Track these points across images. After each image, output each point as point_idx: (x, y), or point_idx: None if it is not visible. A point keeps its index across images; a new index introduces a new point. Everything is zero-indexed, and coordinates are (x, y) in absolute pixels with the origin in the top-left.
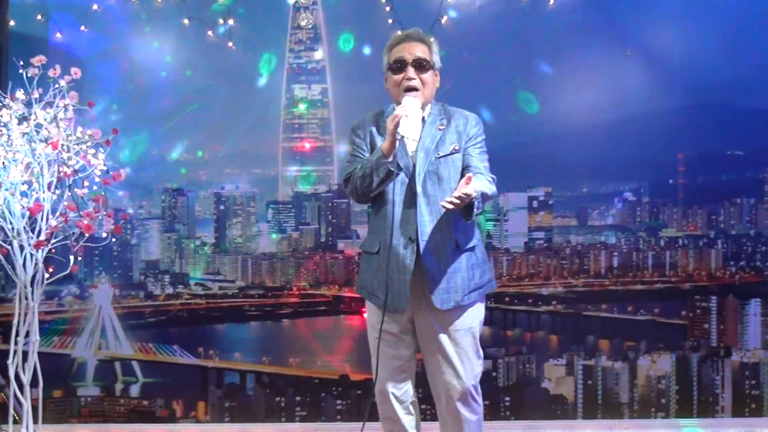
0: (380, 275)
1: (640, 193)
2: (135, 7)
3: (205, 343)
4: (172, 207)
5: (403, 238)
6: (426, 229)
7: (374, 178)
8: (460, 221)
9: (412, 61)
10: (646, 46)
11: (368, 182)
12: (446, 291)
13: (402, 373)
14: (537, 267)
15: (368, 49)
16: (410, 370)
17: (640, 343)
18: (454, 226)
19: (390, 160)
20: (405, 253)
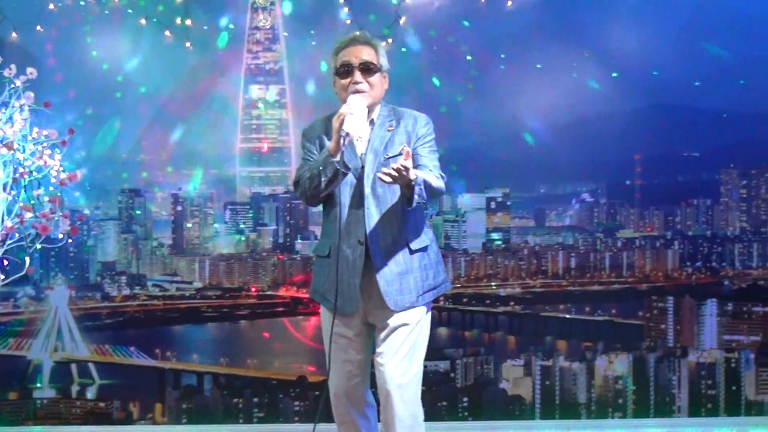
0: (331, 278)
1: (597, 194)
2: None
3: (163, 344)
4: (128, 208)
5: (353, 240)
6: (376, 231)
7: (322, 179)
8: (411, 221)
9: (358, 64)
10: (604, 48)
11: (316, 183)
12: (399, 292)
13: (356, 377)
14: (495, 268)
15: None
16: (364, 374)
17: (598, 343)
18: (404, 227)
19: (336, 159)
20: (354, 256)
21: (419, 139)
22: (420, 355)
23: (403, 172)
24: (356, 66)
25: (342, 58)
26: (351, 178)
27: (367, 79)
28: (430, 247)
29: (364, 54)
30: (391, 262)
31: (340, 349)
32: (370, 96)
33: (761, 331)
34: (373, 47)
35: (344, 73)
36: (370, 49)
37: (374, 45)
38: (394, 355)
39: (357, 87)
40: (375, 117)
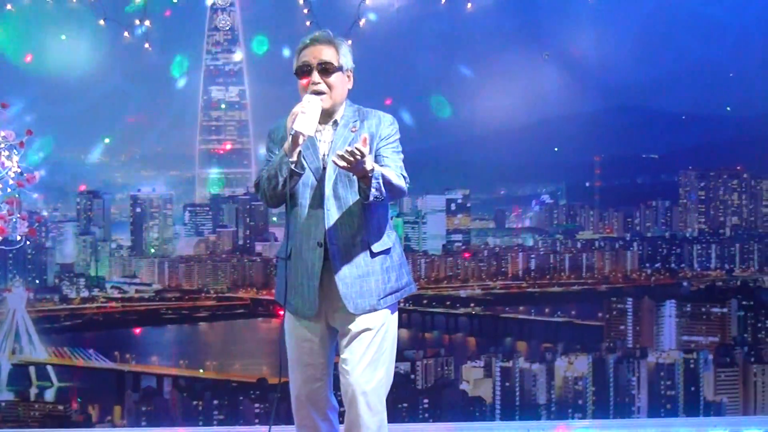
0: (291, 280)
1: (557, 195)
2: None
3: (122, 347)
4: (87, 209)
5: (312, 242)
6: (336, 233)
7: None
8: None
9: (317, 64)
10: (562, 50)
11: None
12: (360, 295)
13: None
14: (455, 269)
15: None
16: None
17: (558, 344)
18: (366, 229)
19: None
20: (313, 258)
21: (383, 139)
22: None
23: (358, 156)
24: (314, 66)
25: (302, 58)
26: (312, 179)
27: (325, 80)
28: (393, 249)
29: (324, 54)
30: (351, 265)
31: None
32: (330, 97)
33: (719, 332)
34: (334, 47)
35: (303, 73)
36: (331, 48)
37: (336, 44)
38: (359, 361)
39: (315, 88)
40: (339, 117)
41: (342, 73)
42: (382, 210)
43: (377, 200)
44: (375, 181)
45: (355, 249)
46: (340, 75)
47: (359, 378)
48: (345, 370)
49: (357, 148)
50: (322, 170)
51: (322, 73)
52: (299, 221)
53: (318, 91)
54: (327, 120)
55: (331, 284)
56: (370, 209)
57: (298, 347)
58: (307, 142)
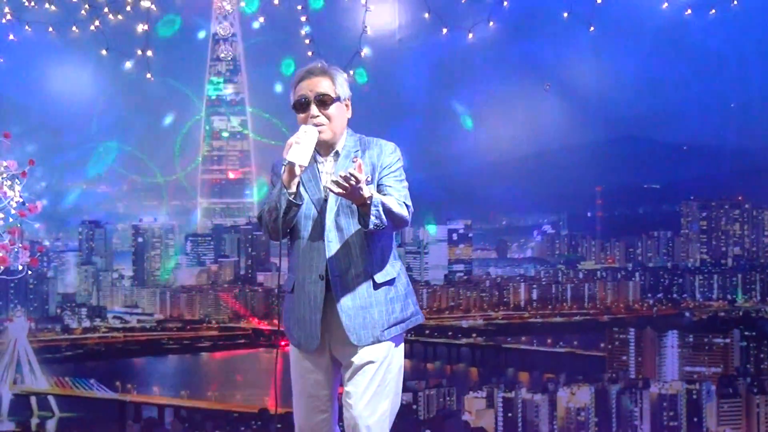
0: (294, 313)
1: (558, 225)
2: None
3: (123, 377)
4: (89, 239)
5: (314, 274)
6: (337, 264)
7: (279, 211)
8: (376, 253)
9: (314, 97)
10: (564, 81)
11: (274, 216)
12: (363, 327)
13: (322, 413)
14: (457, 299)
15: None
16: (330, 409)
17: (560, 375)
18: (368, 259)
19: (290, 191)
20: (315, 291)
21: (385, 168)
22: (390, 392)
23: (352, 182)
24: (312, 99)
25: (299, 91)
26: (313, 210)
27: (323, 112)
28: (397, 279)
29: (320, 86)
30: (353, 296)
31: (307, 385)
32: (330, 129)
33: (722, 363)
34: (329, 77)
35: (301, 106)
36: (327, 79)
37: (331, 75)
38: (362, 395)
39: (314, 121)
40: (340, 148)
41: (340, 103)
42: (386, 240)
43: (378, 228)
44: (374, 208)
45: (357, 280)
46: (338, 105)
47: (362, 411)
48: (348, 404)
49: (351, 173)
50: (324, 201)
51: (320, 105)
52: (301, 253)
53: (317, 124)
54: (328, 151)
55: (334, 316)
56: (373, 239)
57: (303, 379)
58: (308, 174)
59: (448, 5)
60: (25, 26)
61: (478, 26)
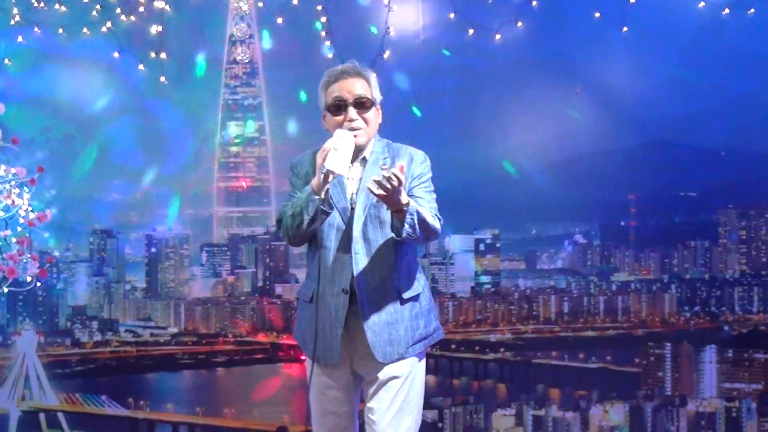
0: (312, 326)
1: (590, 235)
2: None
3: (136, 393)
4: (100, 249)
5: (336, 287)
6: (365, 278)
7: (304, 217)
8: (403, 267)
9: (352, 100)
10: (595, 84)
11: (298, 222)
12: (389, 343)
13: (343, 430)
14: (484, 312)
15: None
16: (352, 426)
17: (592, 392)
18: (395, 274)
19: (320, 198)
20: (337, 305)
21: (415, 178)
22: (413, 408)
23: (395, 183)
24: (350, 102)
25: (333, 93)
26: (338, 219)
27: (362, 116)
28: (422, 294)
29: (357, 88)
30: (380, 312)
31: (327, 401)
32: (366, 133)
33: (763, 379)
34: (365, 79)
35: (337, 109)
36: (363, 81)
37: (366, 77)
38: (386, 410)
39: (352, 125)
40: (368, 154)
41: (375, 107)
42: (411, 253)
43: (410, 239)
44: (410, 216)
45: (385, 295)
46: (375, 110)
47: (386, 428)
48: (371, 420)
49: (395, 174)
50: (350, 210)
51: (358, 108)
52: (324, 264)
53: (355, 128)
54: (355, 156)
55: (357, 331)
56: (400, 252)
57: (322, 395)
58: (335, 181)
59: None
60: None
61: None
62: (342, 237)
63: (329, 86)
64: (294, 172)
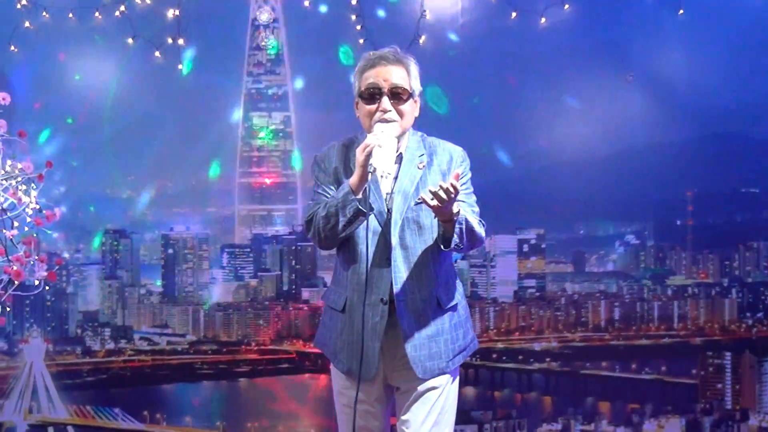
0: (345, 336)
1: (644, 235)
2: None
3: (152, 405)
4: (113, 251)
5: (374, 297)
6: (405, 288)
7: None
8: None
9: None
10: (648, 71)
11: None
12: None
13: None
14: (528, 319)
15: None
16: None
17: (646, 405)
18: (435, 282)
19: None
20: (375, 317)
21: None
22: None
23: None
24: (385, 91)
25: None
26: (374, 223)
27: (397, 107)
28: (459, 303)
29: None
30: (420, 324)
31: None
32: (400, 126)
33: None
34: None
35: (370, 97)
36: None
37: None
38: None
39: (385, 116)
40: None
41: (413, 98)
42: (449, 260)
43: (457, 248)
44: (458, 226)
45: (425, 306)
46: (412, 101)
47: None
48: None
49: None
50: (387, 213)
51: (394, 98)
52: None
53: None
54: None
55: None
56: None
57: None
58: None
59: None
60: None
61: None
62: (378, 242)
63: (365, 71)
64: (320, 167)
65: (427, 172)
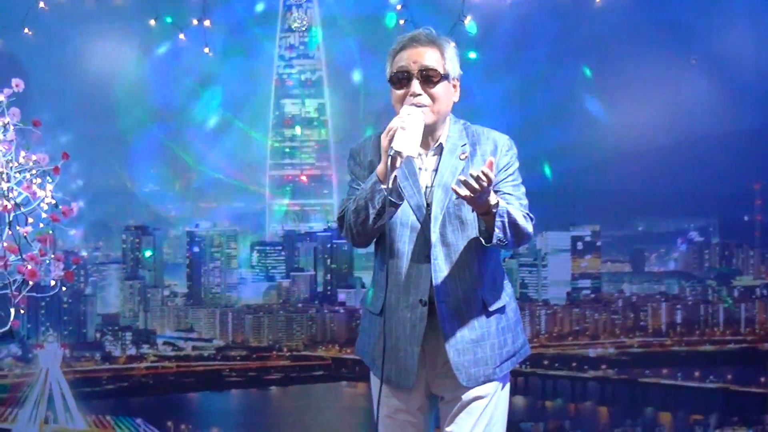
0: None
1: (708, 232)
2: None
3: (176, 415)
4: (134, 249)
5: (412, 298)
6: (446, 288)
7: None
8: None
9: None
10: (714, 54)
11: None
12: (474, 364)
13: None
14: (582, 323)
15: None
16: None
17: (710, 416)
18: (480, 282)
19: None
20: (413, 319)
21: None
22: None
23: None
24: (415, 73)
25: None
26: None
27: (428, 90)
28: (508, 305)
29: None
30: (464, 327)
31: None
32: (433, 111)
33: None
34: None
35: (400, 81)
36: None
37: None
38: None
39: (414, 100)
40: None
41: (448, 82)
42: (496, 258)
43: (500, 244)
44: (500, 219)
45: (468, 308)
46: (446, 85)
47: None
48: None
49: (484, 172)
50: (426, 207)
51: (424, 81)
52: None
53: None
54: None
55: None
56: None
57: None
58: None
59: None
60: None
61: None
62: (417, 239)
63: (396, 55)
64: (356, 161)
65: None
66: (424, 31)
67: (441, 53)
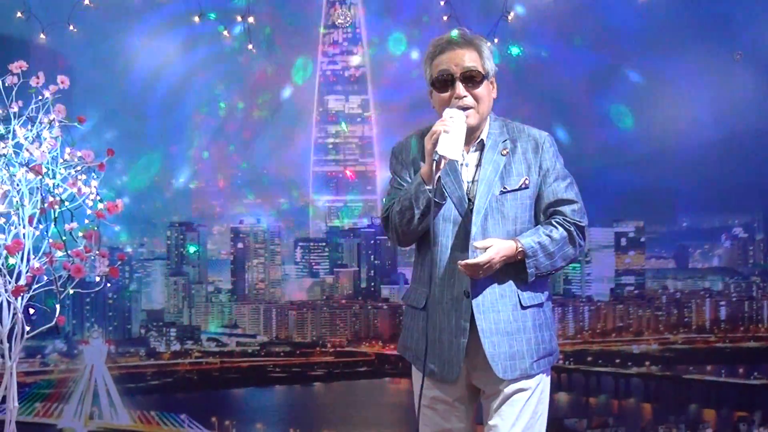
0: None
1: (752, 228)
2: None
3: (220, 411)
4: (179, 245)
5: (456, 291)
6: (482, 280)
7: (414, 212)
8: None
9: (460, 74)
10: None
11: (408, 217)
12: (510, 357)
13: None
14: (626, 319)
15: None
16: None
17: (754, 413)
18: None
19: (430, 187)
20: (458, 310)
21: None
22: (542, 426)
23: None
24: (457, 76)
25: (439, 66)
26: (454, 212)
27: (472, 92)
28: (545, 302)
29: (467, 59)
30: (498, 321)
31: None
32: (478, 112)
33: None
34: (476, 49)
35: (443, 84)
36: (473, 51)
37: (477, 46)
38: (511, 428)
39: (460, 103)
40: (484, 136)
41: (488, 81)
42: None
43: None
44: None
45: (504, 301)
46: (487, 84)
47: None
48: None
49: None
50: (468, 202)
51: (467, 83)
52: (440, 265)
53: (464, 107)
54: (469, 139)
55: (474, 341)
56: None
57: (432, 410)
58: (447, 168)
59: None
60: None
61: None
62: (459, 233)
63: (435, 58)
64: (398, 159)
65: (511, 158)
66: (458, 31)
67: (479, 53)
